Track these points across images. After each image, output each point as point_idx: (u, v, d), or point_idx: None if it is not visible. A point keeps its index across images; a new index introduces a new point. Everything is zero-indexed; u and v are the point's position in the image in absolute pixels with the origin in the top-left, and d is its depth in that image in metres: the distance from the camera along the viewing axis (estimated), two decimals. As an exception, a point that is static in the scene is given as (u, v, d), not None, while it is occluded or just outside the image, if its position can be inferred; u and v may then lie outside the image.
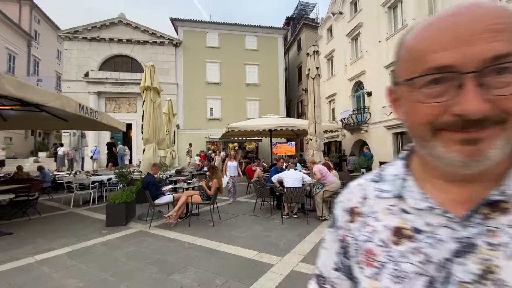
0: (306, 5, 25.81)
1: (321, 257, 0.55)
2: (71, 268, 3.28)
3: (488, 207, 0.37)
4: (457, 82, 0.33)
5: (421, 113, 0.36)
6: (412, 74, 0.36)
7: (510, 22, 0.33)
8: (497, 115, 0.32)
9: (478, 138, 0.33)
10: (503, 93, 0.32)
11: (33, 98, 3.96)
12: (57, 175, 9.76)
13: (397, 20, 11.65)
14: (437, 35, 0.34)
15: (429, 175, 0.42)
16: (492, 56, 0.31)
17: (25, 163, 14.94)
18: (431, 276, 0.37)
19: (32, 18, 22.55)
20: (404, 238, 0.40)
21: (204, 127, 19.12)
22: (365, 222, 0.46)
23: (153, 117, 6.59)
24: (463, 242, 0.36)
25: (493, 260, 0.34)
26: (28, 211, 5.86)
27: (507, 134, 0.33)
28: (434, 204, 0.39)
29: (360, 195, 0.50)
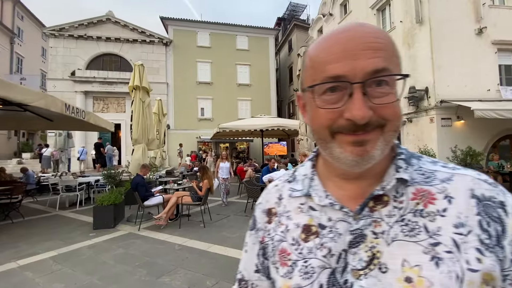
0: (297, 6, 25.99)
1: (242, 261, 0.57)
2: (56, 273, 3.17)
3: (373, 201, 0.42)
4: (348, 91, 0.38)
5: (321, 117, 0.40)
6: (314, 82, 0.41)
7: (386, 42, 0.40)
8: (377, 120, 0.38)
9: (365, 140, 0.38)
10: (381, 101, 0.38)
11: (16, 97, 3.82)
12: (42, 176, 9.45)
13: (386, 23, 11.88)
14: (331, 48, 0.39)
15: (331, 174, 0.47)
16: (372, 69, 0.37)
17: (8, 164, 14.42)
18: (333, 267, 0.41)
19: (15, 14, 21.78)
20: (312, 234, 0.45)
21: (195, 127, 18.95)
22: (279, 222, 0.50)
23: (142, 117, 6.46)
24: (356, 234, 0.41)
25: (376, 247, 0.40)
26: (11, 215, 5.64)
27: (385, 137, 0.39)
28: (333, 200, 0.44)
29: (276, 196, 0.53)
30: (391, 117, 0.39)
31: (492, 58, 9.27)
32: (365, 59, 0.37)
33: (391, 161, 0.45)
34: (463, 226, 0.38)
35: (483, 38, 9.19)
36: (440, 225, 0.39)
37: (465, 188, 0.41)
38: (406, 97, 9.85)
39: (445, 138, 8.77)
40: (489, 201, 0.40)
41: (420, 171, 0.44)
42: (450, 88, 8.86)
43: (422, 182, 0.43)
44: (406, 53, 10.22)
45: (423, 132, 9.48)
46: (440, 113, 8.92)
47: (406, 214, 0.40)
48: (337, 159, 0.40)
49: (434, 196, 0.41)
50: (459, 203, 0.40)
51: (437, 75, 8.93)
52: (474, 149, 7.84)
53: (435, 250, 0.37)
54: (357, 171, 0.41)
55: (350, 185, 0.45)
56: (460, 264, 0.36)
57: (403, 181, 0.42)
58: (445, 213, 0.39)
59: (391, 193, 0.42)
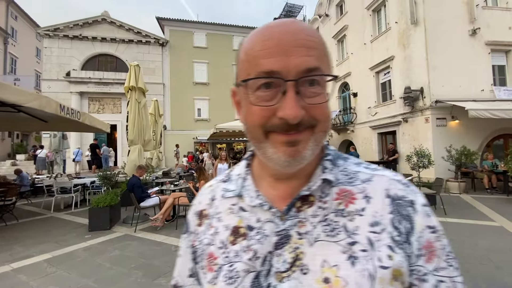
0: (293, 7, 26.04)
1: (177, 266, 0.54)
2: (51, 276, 3.13)
3: (300, 201, 0.42)
4: (282, 88, 0.37)
5: (255, 115, 0.39)
6: (248, 76, 0.39)
7: (318, 41, 0.39)
8: (309, 120, 0.37)
9: (297, 140, 0.37)
10: (313, 101, 0.37)
11: (9, 98, 3.76)
12: (37, 178, 9.33)
13: (381, 23, 11.97)
14: (266, 43, 0.38)
15: (265, 174, 0.46)
16: (305, 68, 0.36)
17: (1, 166, 14.24)
18: (257, 271, 0.40)
19: (9, 14, 21.51)
20: (240, 237, 0.43)
21: (192, 128, 18.88)
22: (210, 224, 0.47)
23: (138, 118, 6.42)
24: (281, 235, 0.41)
25: (300, 248, 0.39)
26: (5, 217, 5.56)
27: (316, 137, 0.39)
28: (264, 200, 0.43)
29: (209, 197, 0.51)
30: (322, 117, 0.39)
31: (486, 58, 9.39)
32: (298, 57, 0.36)
33: (320, 161, 0.45)
34: (378, 224, 0.40)
35: (476, 39, 9.31)
36: (358, 224, 0.40)
37: (381, 188, 0.43)
38: (402, 97, 9.94)
39: (440, 138, 8.86)
40: (401, 200, 0.42)
41: (345, 172, 0.46)
42: (445, 88, 8.95)
43: (346, 182, 0.44)
44: (401, 53, 10.31)
45: (419, 132, 9.56)
46: (435, 113, 9.01)
47: (329, 214, 0.41)
48: (270, 159, 0.39)
49: (354, 196, 0.42)
50: (376, 203, 0.42)
51: (432, 75, 9.02)
52: (469, 149, 7.93)
53: (352, 249, 0.38)
54: (289, 172, 0.40)
55: (281, 185, 0.44)
56: (373, 262, 0.37)
57: (328, 181, 0.43)
58: (363, 212, 0.41)
59: (317, 194, 0.43)
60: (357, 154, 11.35)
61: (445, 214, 5.48)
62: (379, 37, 11.75)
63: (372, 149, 12.29)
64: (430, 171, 8.04)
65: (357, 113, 13.41)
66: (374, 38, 12.05)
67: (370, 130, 12.40)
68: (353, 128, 13.72)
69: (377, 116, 11.92)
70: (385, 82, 11.64)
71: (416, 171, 7.45)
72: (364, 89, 12.80)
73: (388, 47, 11.08)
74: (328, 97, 0.41)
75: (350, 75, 14.00)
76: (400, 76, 10.47)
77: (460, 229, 4.60)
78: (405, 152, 9.52)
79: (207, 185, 0.54)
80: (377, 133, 12.12)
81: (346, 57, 14.38)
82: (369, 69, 12.21)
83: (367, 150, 12.49)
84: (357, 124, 13.45)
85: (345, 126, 13.97)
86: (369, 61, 12.28)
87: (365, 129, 12.79)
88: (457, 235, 4.27)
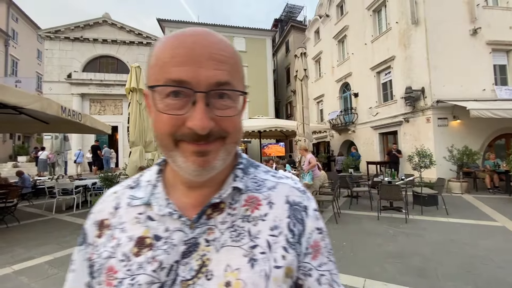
0: (294, 8, 26.08)
1: (68, 283, 0.48)
2: (52, 277, 3.13)
3: (211, 208, 0.43)
4: (192, 99, 0.37)
5: (164, 123, 0.38)
6: (157, 82, 0.38)
7: (230, 56, 0.40)
8: (219, 132, 0.38)
9: (206, 150, 0.38)
10: (223, 114, 0.38)
11: (10, 100, 3.78)
12: (38, 180, 9.36)
13: (382, 24, 11.96)
14: (177, 50, 0.37)
15: (177, 181, 0.45)
16: (216, 81, 0.37)
17: (3, 168, 14.28)
18: (162, 282, 0.39)
19: (10, 16, 21.62)
20: (145, 247, 0.41)
21: (193, 129, 18.89)
22: (111, 236, 0.44)
23: (139, 119, 6.43)
24: (190, 243, 0.41)
25: (207, 255, 0.40)
26: (6, 219, 5.57)
27: (226, 148, 0.40)
28: (174, 209, 0.43)
29: (112, 205, 0.47)
30: (232, 129, 0.40)
31: (487, 58, 9.36)
32: (209, 69, 0.37)
33: (232, 170, 0.47)
34: (277, 228, 0.43)
35: (477, 39, 9.28)
36: (261, 229, 0.43)
37: (283, 194, 0.47)
38: (403, 97, 9.92)
39: (442, 138, 8.83)
40: (297, 205, 0.47)
41: (254, 180, 0.48)
42: (446, 88, 8.93)
43: (254, 189, 0.46)
44: (402, 53, 10.30)
45: (420, 132, 9.54)
46: (436, 113, 8.98)
47: (237, 220, 0.43)
48: (180, 168, 0.39)
49: (260, 202, 0.45)
50: (277, 208, 0.45)
51: (433, 75, 9.00)
52: (471, 149, 7.90)
53: (253, 252, 0.41)
54: (199, 180, 0.41)
55: (193, 193, 0.44)
56: (269, 263, 0.40)
57: (238, 189, 0.45)
58: (265, 217, 0.44)
59: (228, 201, 0.44)
60: (358, 155, 11.33)
61: (447, 214, 5.46)
62: (379, 37, 11.74)
63: (374, 149, 12.26)
64: (432, 171, 8.01)
65: (358, 113, 13.39)
66: (374, 38, 12.04)
67: (371, 130, 12.37)
68: (354, 128, 13.70)
69: (378, 116, 11.89)
70: (386, 82, 11.62)
71: (418, 171, 7.43)
72: (365, 89, 12.78)
73: (389, 47, 11.06)
74: (239, 110, 0.41)
75: (351, 76, 13.98)
76: (401, 76, 10.45)
77: (462, 229, 4.58)
78: (406, 152, 9.48)
79: (111, 191, 0.50)
80: (378, 133, 12.09)
81: (347, 57, 14.37)
82: (370, 69, 12.20)
83: (368, 150, 12.46)
84: (358, 124, 13.43)
85: (346, 126, 13.94)
86: (370, 61, 12.26)
87: (366, 129, 12.76)
88: (459, 235, 4.25)
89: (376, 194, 5.78)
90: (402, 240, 4.13)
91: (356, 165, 10.56)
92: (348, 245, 3.97)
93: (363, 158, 11.53)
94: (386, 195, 5.48)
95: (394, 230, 4.60)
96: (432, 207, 6.00)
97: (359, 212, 5.99)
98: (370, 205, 6.37)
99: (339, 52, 15.32)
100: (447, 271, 3.04)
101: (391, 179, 6.59)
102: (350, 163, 10.48)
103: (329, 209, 6.08)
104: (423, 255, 3.51)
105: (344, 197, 7.76)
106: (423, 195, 6.00)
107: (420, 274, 2.98)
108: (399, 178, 6.75)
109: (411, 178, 6.94)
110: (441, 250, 3.66)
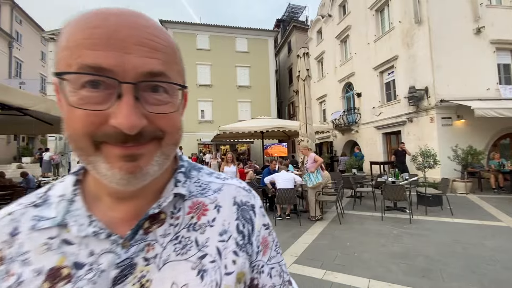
0: (296, 8, 26.07)
1: None
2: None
3: (149, 221, 0.37)
4: (117, 91, 0.30)
5: (79, 121, 0.30)
6: (68, 68, 0.30)
7: (167, 45, 0.34)
8: (153, 131, 0.33)
9: (137, 154, 0.32)
10: (158, 110, 0.32)
11: (15, 101, 3.80)
12: (43, 180, 9.44)
13: (384, 23, 11.91)
14: (96, 31, 0.30)
15: (102, 192, 0.38)
16: (148, 71, 0.31)
17: (7, 169, 14.40)
18: None
19: (13, 19, 21.84)
20: (62, 280, 0.33)
21: (196, 129, 18.94)
22: (7, 272, 0.34)
23: (142, 120, 6.49)
24: (123, 265, 0.34)
25: (146, 276, 0.34)
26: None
27: (164, 151, 0.35)
28: (100, 227, 0.35)
29: (7, 231, 0.36)
30: (169, 129, 0.34)
31: (491, 57, 9.28)
32: (139, 57, 0.31)
33: (172, 175, 0.42)
34: (225, 232, 0.41)
35: (481, 38, 9.21)
36: (209, 236, 0.39)
37: (230, 196, 0.44)
38: (406, 97, 9.87)
39: (446, 138, 8.77)
40: (245, 205, 0.45)
41: (198, 183, 0.44)
42: (449, 88, 8.86)
43: (199, 194, 0.43)
44: (405, 53, 10.25)
45: (424, 131, 9.48)
46: (440, 113, 8.92)
47: (181, 230, 0.39)
48: (103, 176, 0.32)
49: (207, 207, 0.42)
50: (225, 211, 0.42)
51: (436, 74, 8.94)
52: (475, 148, 7.83)
53: (202, 263, 0.37)
54: (130, 190, 0.34)
55: (125, 205, 0.37)
56: (220, 270, 0.38)
57: (181, 195, 0.40)
58: (213, 223, 0.41)
59: (169, 210, 0.39)
60: (361, 155, 11.28)
61: (451, 214, 5.42)
62: (382, 36, 11.69)
63: (377, 149, 12.21)
64: (436, 171, 7.95)
65: (361, 113, 13.33)
66: (377, 38, 11.99)
67: (374, 130, 12.32)
68: (358, 128, 13.65)
69: (381, 116, 11.84)
70: (389, 82, 11.57)
71: (422, 171, 7.38)
72: (368, 89, 12.73)
73: (391, 46, 11.01)
74: (178, 107, 0.36)
75: (353, 75, 13.94)
76: (404, 75, 10.39)
77: (467, 229, 4.54)
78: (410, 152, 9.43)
79: (5, 212, 0.38)
80: (381, 133, 12.03)
81: (350, 57, 14.33)
82: (373, 69, 12.15)
83: (371, 150, 12.41)
84: (361, 124, 13.38)
85: (349, 126, 13.90)
86: (372, 61, 12.22)
87: (369, 129, 12.71)
88: (463, 235, 4.21)
89: (380, 194, 5.74)
90: (406, 240, 4.11)
91: (359, 165, 10.51)
92: (352, 245, 3.96)
93: (367, 158, 11.48)
94: (390, 195, 5.45)
95: (398, 231, 4.57)
96: (437, 207, 5.95)
97: (362, 213, 5.96)
98: (373, 205, 6.34)
99: (341, 52, 15.28)
100: (452, 271, 3.02)
101: (395, 179, 6.55)
102: (354, 163, 10.44)
103: (332, 210, 6.06)
104: (428, 255, 3.49)
105: (348, 197, 7.73)
106: (427, 195, 5.96)
107: (425, 275, 2.96)
108: (403, 178, 6.71)
109: (415, 178, 6.90)
110: (445, 251, 3.63)
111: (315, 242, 4.15)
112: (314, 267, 3.22)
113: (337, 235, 4.44)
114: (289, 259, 3.49)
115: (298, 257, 3.58)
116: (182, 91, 0.36)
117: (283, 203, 5.62)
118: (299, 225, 5.10)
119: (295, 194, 5.62)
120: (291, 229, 4.90)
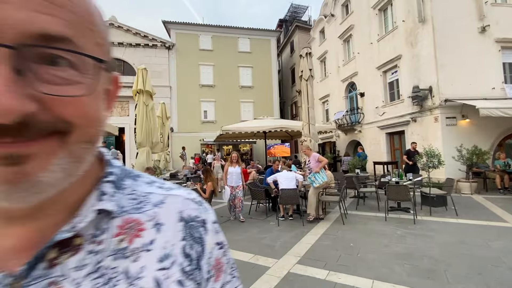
0: (298, 8, 26.05)
1: None
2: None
3: (57, 249, 0.27)
4: None
5: None
6: None
7: (77, 3, 0.24)
8: (50, 122, 0.23)
9: (21, 155, 0.22)
10: (57, 92, 0.23)
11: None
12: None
13: (388, 22, 11.84)
14: None
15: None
16: (39, 32, 0.21)
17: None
18: None
19: None
20: None
21: (198, 130, 19.01)
22: None
23: (146, 121, 6.51)
24: None
25: None
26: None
27: (72, 151, 0.25)
28: None
29: None
30: (78, 119, 0.24)
31: (496, 56, 9.18)
32: (24, 10, 0.21)
33: (95, 185, 0.32)
34: (167, 258, 0.32)
35: (486, 36, 9.11)
36: (144, 264, 0.30)
37: (175, 210, 0.35)
38: (410, 97, 9.80)
39: (450, 137, 8.69)
40: (194, 221, 0.36)
41: (133, 196, 0.34)
42: (454, 87, 8.78)
43: (133, 210, 0.33)
44: (409, 52, 10.18)
45: (428, 131, 9.40)
46: (444, 112, 8.84)
47: (105, 259, 0.29)
48: None
49: (142, 226, 0.32)
50: (168, 230, 0.33)
51: (440, 74, 8.87)
52: (480, 148, 7.75)
53: None
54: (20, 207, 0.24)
55: (19, 228, 0.27)
56: None
57: (107, 212, 0.31)
58: (151, 246, 0.32)
59: (88, 232, 0.29)
60: (365, 155, 11.23)
61: (456, 215, 5.37)
62: (386, 36, 11.62)
63: (380, 149, 12.14)
64: (441, 171, 7.89)
65: (365, 113, 13.27)
66: (380, 37, 11.93)
67: (378, 130, 12.25)
68: (361, 128, 13.59)
69: (385, 116, 11.77)
70: (393, 82, 11.50)
71: (426, 171, 7.33)
72: (371, 89, 12.67)
73: (395, 46, 10.95)
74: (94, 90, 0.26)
75: (357, 75, 13.88)
76: (408, 75, 10.33)
77: (472, 230, 4.50)
78: (414, 152, 9.36)
79: None
80: (385, 133, 11.96)
81: (353, 57, 14.27)
82: (376, 68, 12.09)
83: (375, 150, 12.34)
84: (364, 124, 13.31)
85: (353, 126, 13.84)
86: (376, 61, 12.15)
87: (373, 129, 12.64)
88: (468, 236, 4.17)
89: (384, 194, 5.72)
90: (411, 241, 4.08)
91: (362, 165, 10.47)
92: (356, 246, 3.94)
93: (370, 158, 11.43)
94: (394, 195, 5.42)
95: (402, 231, 4.54)
96: (441, 207, 5.90)
97: (366, 213, 5.93)
98: (377, 205, 6.31)
99: (344, 52, 15.22)
100: (457, 272, 2.99)
101: (399, 179, 6.51)
102: (357, 163, 10.39)
103: (335, 210, 6.04)
104: (432, 256, 3.46)
105: (351, 197, 7.71)
106: (432, 195, 5.92)
107: (429, 276, 2.94)
108: (407, 178, 6.67)
109: (419, 179, 6.84)
110: (450, 252, 3.60)
111: (318, 243, 4.15)
112: (317, 268, 3.22)
113: (341, 236, 4.43)
114: (292, 260, 3.50)
115: (301, 257, 3.57)
116: (104, 70, 0.27)
117: (286, 203, 5.61)
118: (302, 225, 5.09)
119: (298, 194, 5.61)
120: (294, 229, 4.89)
